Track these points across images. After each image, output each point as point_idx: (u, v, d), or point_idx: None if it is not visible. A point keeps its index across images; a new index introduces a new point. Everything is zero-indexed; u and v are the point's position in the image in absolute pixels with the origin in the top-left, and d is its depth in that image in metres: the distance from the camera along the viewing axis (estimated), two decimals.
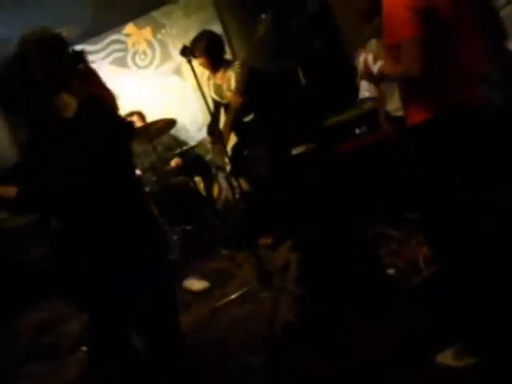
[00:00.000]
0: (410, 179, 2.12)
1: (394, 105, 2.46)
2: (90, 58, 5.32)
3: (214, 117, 3.50)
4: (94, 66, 5.26)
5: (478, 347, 1.86)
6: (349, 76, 3.43)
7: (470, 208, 1.90)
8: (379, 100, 2.51)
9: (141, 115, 4.41)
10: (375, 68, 2.24)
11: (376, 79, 2.24)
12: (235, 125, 3.53)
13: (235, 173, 3.41)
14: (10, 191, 1.61)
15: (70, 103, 1.70)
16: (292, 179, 3.55)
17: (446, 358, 1.89)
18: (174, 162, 4.14)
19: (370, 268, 2.74)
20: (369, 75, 2.31)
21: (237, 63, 3.51)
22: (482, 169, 1.89)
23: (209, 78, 3.75)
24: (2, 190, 1.62)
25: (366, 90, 2.54)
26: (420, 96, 1.86)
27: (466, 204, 1.89)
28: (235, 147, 3.55)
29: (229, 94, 3.51)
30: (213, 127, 3.60)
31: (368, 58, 2.34)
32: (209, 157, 4.21)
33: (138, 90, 5.12)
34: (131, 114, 4.40)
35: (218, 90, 3.70)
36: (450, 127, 1.83)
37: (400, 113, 2.31)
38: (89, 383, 2.32)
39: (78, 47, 5.13)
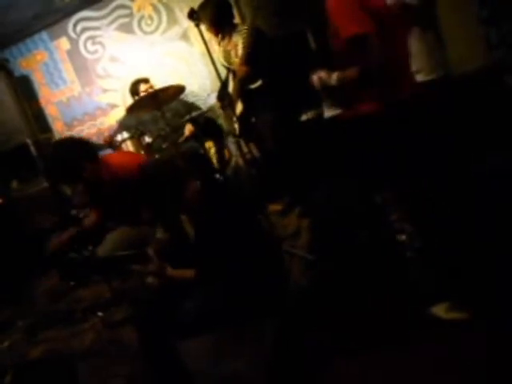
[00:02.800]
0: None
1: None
2: (95, 24, 5.24)
3: (224, 82, 3.43)
4: (99, 32, 5.18)
5: (467, 305, 2.08)
6: None
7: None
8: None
9: (148, 82, 4.34)
10: (332, 80, 2.13)
11: (337, 91, 2.18)
12: (242, 92, 3.47)
13: (245, 139, 3.37)
14: (188, 274, 1.82)
15: None
16: (301, 145, 3.50)
17: (439, 310, 2.11)
18: (187, 131, 4.07)
19: (379, 234, 2.73)
20: (328, 91, 2.22)
21: (244, 28, 3.41)
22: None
23: (219, 44, 3.67)
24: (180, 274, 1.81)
25: (328, 108, 2.36)
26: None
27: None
28: (242, 114, 3.50)
29: (236, 61, 3.43)
30: (222, 92, 3.54)
31: (321, 75, 2.18)
32: (218, 122, 4.16)
33: (144, 56, 5.04)
34: (138, 81, 4.34)
35: (226, 55, 3.62)
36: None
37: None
38: (105, 348, 2.35)
39: (82, 14, 5.06)
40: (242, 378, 1.76)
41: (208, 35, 3.46)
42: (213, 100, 4.60)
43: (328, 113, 2.32)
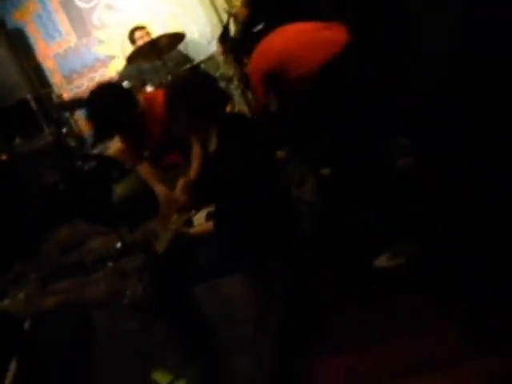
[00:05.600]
0: None
1: None
2: None
3: (225, 26, 3.33)
4: None
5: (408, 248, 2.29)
6: None
7: None
8: None
9: (145, 30, 4.23)
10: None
11: None
12: (244, 37, 3.36)
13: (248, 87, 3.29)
14: (206, 227, 1.77)
15: None
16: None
17: (382, 261, 2.29)
18: None
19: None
20: None
21: None
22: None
23: None
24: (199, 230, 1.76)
25: None
26: None
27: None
28: None
29: (237, 4, 3.31)
30: (224, 37, 3.43)
31: None
32: (220, 71, 4.06)
33: (141, 3, 4.86)
34: (134, 29, 4.22)
35: None
36: None
37: None
38: (117, 297, 2.38)
39: None
40: (254, 323, 1.77)
41: None
42: (213, 48, 4.47)
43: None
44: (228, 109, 3.76)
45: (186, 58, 4.25)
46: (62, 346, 1.65)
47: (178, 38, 3.77)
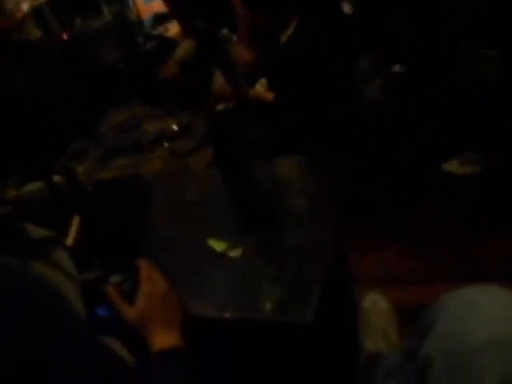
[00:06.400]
0: None
1: None
2: None
3: None
4: None
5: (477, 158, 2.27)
6: None
7: None
8: None
9: None
10: None
11: None
12: None
13: None
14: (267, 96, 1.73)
15: None
16: None
17: (452, 166, 2.29)
18: None
19: None
20: None
21: None
22: None
23: None
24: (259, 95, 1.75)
25: None
26: None
27: None
28: None
29: None
30: None
31: None
32: None
33: None
34: None
35: None
36: None
37: None
38: (169, 174, 2.42)
39: None
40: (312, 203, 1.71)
41: None
42: None
43: None
44: None
45: None
46: (123, 209, 1.70)
47: None
